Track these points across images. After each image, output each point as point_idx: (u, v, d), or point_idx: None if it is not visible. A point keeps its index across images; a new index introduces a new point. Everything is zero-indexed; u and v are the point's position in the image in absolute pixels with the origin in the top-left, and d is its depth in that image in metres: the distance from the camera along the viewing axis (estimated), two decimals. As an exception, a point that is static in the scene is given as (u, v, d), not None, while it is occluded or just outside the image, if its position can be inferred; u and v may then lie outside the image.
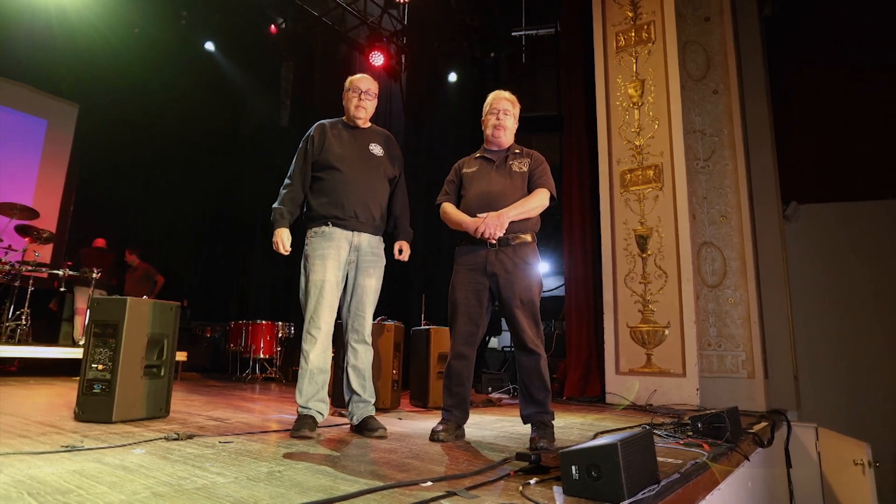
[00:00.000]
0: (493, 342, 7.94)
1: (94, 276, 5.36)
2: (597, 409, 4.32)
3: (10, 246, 5.57)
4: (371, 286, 2.55)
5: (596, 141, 5.43)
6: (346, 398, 2.57)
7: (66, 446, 1.90)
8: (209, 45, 7.84)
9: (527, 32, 9.17)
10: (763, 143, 5.59)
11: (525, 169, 2.54)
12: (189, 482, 1.48)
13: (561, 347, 5.95)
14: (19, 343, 4.98)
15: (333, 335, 2.50)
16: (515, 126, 2.70)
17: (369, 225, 2.56)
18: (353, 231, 2.52)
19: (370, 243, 2.57)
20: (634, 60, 5.37)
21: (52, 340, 6.00)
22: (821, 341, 6.04)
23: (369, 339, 2.56)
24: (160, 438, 2.10)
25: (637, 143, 5.23)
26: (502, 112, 2.62)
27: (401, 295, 6.84)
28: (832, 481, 4.63)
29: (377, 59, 7.86)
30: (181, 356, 5.86)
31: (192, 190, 8.68)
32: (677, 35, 5.17)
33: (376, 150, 2.65)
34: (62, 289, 5.20)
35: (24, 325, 5.11)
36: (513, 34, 8.12)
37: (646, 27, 5.32)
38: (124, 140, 7.89)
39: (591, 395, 5.16)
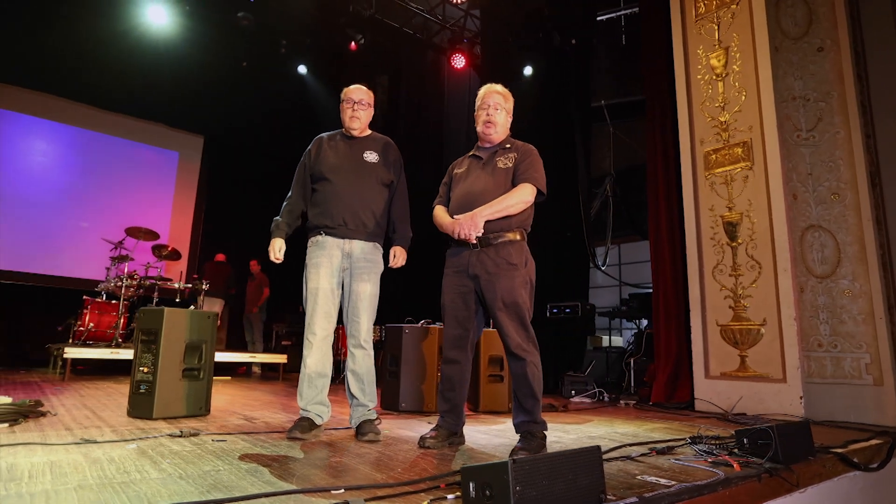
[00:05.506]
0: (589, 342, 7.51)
1: (204, 287, 6.09)
2: (672, 418, 3.91)
3: (148, 263, 6.54)
4: (365, 291, 2.58)
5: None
6: (349, 402, 2.63)
7: (82, 439, 2.19)
8: (301, 69, 8.48)
9: (625, 12, 8.65)
10: (892, 101, 4.64)
11: (510, 164, 2.40)
12: (123, 477, 1.63)
13: (651, 348, 5.49)
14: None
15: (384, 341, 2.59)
16: (509, 121, 2.56)
17: (360, 232, 2.59)
18: (343, 239, 2.57)
19: (363, 250, 2.60)
20: (716, 27, 4.80)
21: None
22: None
23: (366, 344, 2.60)
24: (165, 435, 2.33)
25: (722, 119, 4.67)
26: (493, 107, 2.50)
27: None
28: None
29: (459, 61, 7.91)
30: (282, 359, 6.43)
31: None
32: (768, -10, 4.53)
33: (370, 157, 2.68)
34: (177, 299, 5.96)
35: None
36: (598, 18, 7.67)
37: (728, -13, 4.73)
38: (242, 163, 8.86)
39: (679, 401, 4.70)
